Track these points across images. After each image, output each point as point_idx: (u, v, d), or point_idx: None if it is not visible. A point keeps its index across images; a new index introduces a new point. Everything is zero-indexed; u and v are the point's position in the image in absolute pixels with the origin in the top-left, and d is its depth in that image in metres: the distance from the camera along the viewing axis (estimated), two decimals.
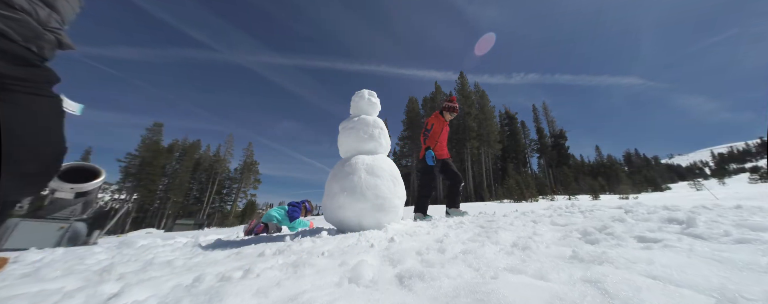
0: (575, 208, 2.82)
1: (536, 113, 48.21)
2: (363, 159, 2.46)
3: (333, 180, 2.45)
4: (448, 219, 2.80)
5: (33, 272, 1.48)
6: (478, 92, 42.34)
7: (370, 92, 3.00)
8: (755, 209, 1.98)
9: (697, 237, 1.38)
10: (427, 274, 0.99)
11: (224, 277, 1.11)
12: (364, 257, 1.34)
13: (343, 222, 2.30)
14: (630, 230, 1.56)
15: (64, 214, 4.60)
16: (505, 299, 0.78)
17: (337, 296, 0.87)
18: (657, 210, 2.15)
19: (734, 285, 0.81)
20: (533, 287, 0.85)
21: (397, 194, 2.41)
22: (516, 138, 45.33)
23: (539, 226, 1.97)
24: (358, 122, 2.73)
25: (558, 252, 1.24)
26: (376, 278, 1.00)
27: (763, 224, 1.43)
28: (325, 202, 2.49)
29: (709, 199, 8.06)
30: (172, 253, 1.99)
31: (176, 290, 0.99)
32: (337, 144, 2.87)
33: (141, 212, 38.56)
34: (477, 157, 37.62)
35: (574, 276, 0.92)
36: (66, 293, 1.01)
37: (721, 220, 1.68)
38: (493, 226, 2.03)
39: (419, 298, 0.85)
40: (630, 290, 0.79)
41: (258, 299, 0.89)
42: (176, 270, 1.32)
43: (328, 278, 1.04)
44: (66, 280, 1.25)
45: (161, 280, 1.12)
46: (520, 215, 2.60)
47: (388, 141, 2.84)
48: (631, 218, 1.94)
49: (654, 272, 0.92)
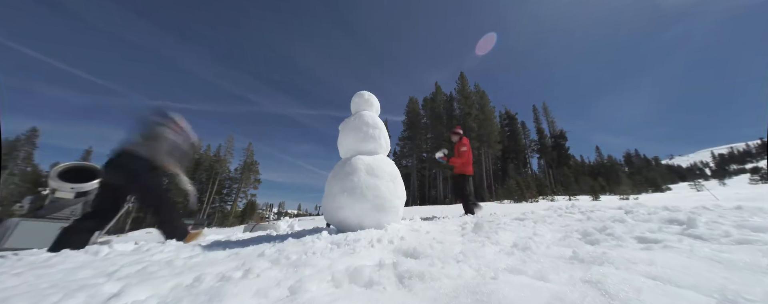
0: (575, 208, 2.82)
1: (536, 113, 48.16)
2: (363, 159, 2.46)
3: (333, 180, 2.45)
4: (448, 219, 2.84)
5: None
6: (478, 93, 42.30)
7: (369, 93, 3.00)
8: (756, 209, 1.98)
9: (697, 238, 1.37)
10: (427, 274, 0.99)
11: (224, 277, 1.11)
12: (364, 257, 1.34)
13: (343, 222, 2.30)
14: (630, 231, 1.56)
15: (64, 214, 4.60)
16: (505, 299, 0.78)
17: (337, 296, 0.87)
18: (657, 211, 2.15)
19: (735, 286, 0.81)
20: (533, 288, 0.85)
21: (397, 194, 2.41)
22: (516, 138, 45.28)
23: (539, 226, 1.97)
24: (358, 123, 2.73)
25: (558, 253, 1.24)
26: (376, 278, 1.00)
27: (763, 225, 1.43)
28: (325, 202, 2.49)
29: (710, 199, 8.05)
30: (172, 253, 1.99)
31: (176, 290, 0.99)
32: (337, 145, 2.87)
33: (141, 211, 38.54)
34: (477, 157, 37.59)
35: (574, 277, 0.92)
36: (67, 292, 1.01)
37: (721, 221, 1.68)
38: (493, 226, 2.03)
39: (419, 298, 0.85)
40: (630, 291, 0.79)
41: (258, 299, 0.89)
42: (176, 270, 1.32)
43: (328, 278, 1.03)
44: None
45: (161, 280, 1.12)
46: (520, 215, 2.60)
47: (387, 141, 2.84)
48: (632, 219, 1.94)
49: (654, 273, 0.92)
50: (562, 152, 43.07)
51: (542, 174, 42.39)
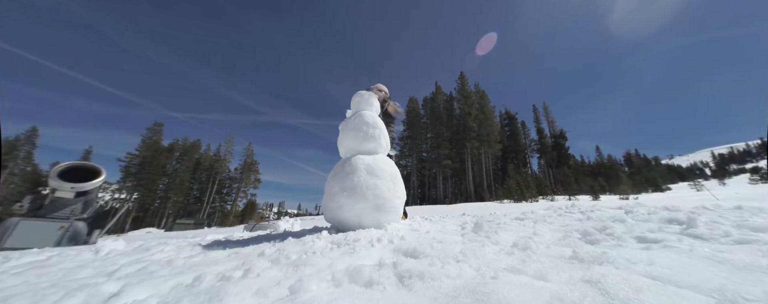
0: (575, 208, 2.82)
1: (536, 113, 48.15)
2: (363, 159, 2.46)
3: (333, 180, 2.45)
4: (448, 219, 2.82)
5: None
6: (478, 92, 42.29)
7: (369, 93, 3.00)
8: (755, 209, 1.98)
9: (697, 238, 1.37)
10: (427, 274, 0.99)
11: (224, 277, 1.11)
12: (364, 256, 1.34)
13: (343, 222, 2.30)
14: (630, 231, 1.56)
15: (64, 213, 4.60)
16: (505, 299, 0.78)
17: (337, 296, 0.87)
18: (657, 211, 2.15)
19: (734, 286, 0.81)
20: (533, 288, 0.85)
21: (397, 194, 2.41)
22: (516, 138, 45.28)
23: (539, 226, 1.97)
24: (358, 123, 2.73)
25: (558, 252, 1.24)
26: (376, 277, 1.00)
27: (763, 225, 1.43)
28: (325, 202, 2.49)
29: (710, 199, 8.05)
30: (172, 252, 1.99)
31: (176, 290, 0.99)
32: (337, 145, 2.87)
33: (141, 211, 38.54)
34: (477, 157, 37.58)
35: (574, 276, 0.92)
36: (67, 291, 1.01)
37: (721, 221, 1.68)
38: (493, 226, 2.03)
39: (419, 298, 0.85)
40: (630, 291, 0.79)
41: (258, 299, 0.89)
42: (176, 269, 1.32)
43: (328, 278, 1.03)
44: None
45: (161, 279, 1.12)
46: (520, 214, 2.60)
47: (387, 141, 2.83)
48: (632, 219, 1.94)
49: (654, 273, 0.92)
50: (562, 151, 43.05)
51: (542, 174, 42.38)
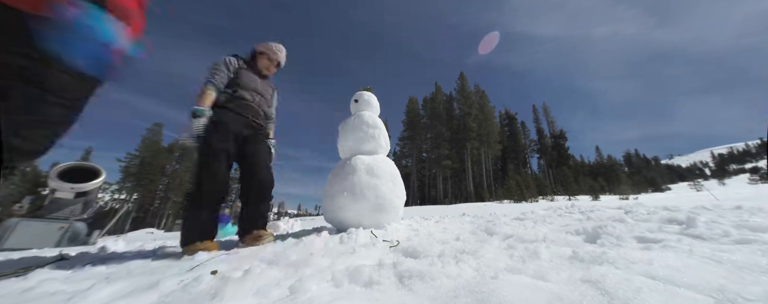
0: (575, 208, 2.82)
1: (536, 114, 48.19)
2: (363, 159, 2.46)
3: (333, 181, 2.45)
4: (448, 219, 2.81)
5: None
6: (478, 93, 42.32)
7: (369, 93, 3.00)
8: (755, 209, 1.98)
9: (696, 238, 1.38)
10: (427, 274, 0.99)
11: (224, 277, 1.11)
12: (364, 256, 1.34)
13: (343, 223, 2.30)
14: (630, 231, 1.56)
15: (64, 214, 4.60)
16: (504, 299, 0.78)
17: (337, 296, 0.87)
18: (657, 211, 2.15)
19: (734, 286, 0.81)
20: (533, 287, 0.85)
21: (397, 194, 2.41)
22: (516, 138, 45.32)
23: (539, 226, 1.97)
24: (358, 123, 2.73)
25: (558, 252, 1.24)
26: (376, 277, 1.00)
27: (763, 224, 1.43)
28: (325, 203, 2.49)
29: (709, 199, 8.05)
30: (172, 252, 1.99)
31: (176, 290, 0.99)
32: (337, 145, 2.87)
33: (141, 211, 38.51)
34: (477, 157, 37.59)
35: (574, 276, 0.92)
36: (67, 294, 1.01)
37: (721, 221, 1.68)
38: (493, 226, 2.03)
39: (419, 298, 0.85)
40: (630, 291, 0.79)
41: (258, 299, 0.89)
42: (176, 270, 1.32)
43: (328, 278, 1.03)
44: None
45: (161, 279, 1.12)
46: (520, 214, 2.60)
47: (387, 141, 2.83)
48: (631, 219, 1.94)
49: (654, 273, 0.92)
50: (561, 151, 43.07)
51: (542, 174, 42.38)
